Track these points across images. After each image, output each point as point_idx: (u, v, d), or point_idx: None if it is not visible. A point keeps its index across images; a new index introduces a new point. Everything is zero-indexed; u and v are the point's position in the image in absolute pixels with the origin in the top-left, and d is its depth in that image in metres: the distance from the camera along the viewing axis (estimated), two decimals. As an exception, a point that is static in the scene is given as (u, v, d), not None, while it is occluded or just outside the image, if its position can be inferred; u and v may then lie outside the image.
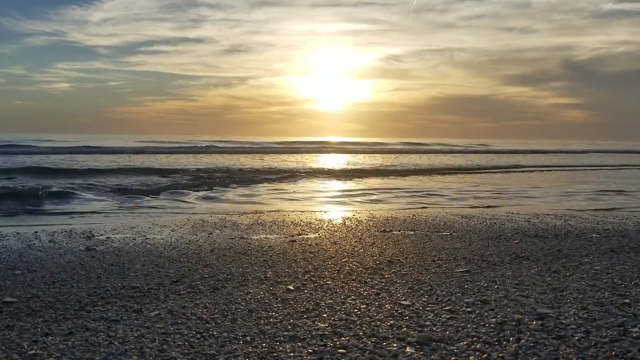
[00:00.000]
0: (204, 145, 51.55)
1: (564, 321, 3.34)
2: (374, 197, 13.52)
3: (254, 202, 12.34)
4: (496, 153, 50.73)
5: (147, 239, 7.00)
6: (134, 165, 23.46)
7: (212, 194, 13.78)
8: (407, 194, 14.09)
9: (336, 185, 17.28)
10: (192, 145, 51.43)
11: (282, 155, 38.83)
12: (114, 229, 7.87)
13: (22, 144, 42.96)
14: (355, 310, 3.69)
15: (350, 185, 17.21)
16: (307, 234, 7.38)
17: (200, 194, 13.80)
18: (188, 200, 12.71)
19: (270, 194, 14.07)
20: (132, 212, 10.30)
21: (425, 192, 14.50)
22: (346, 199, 13.09)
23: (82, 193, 13.15)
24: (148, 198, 12.84)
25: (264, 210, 10.67)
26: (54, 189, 13.07)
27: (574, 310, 3.58)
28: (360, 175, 21.11)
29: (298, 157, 36.70)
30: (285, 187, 16.05)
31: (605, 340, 3.00)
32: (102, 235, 7.30)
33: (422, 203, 12.13)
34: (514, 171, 25.85)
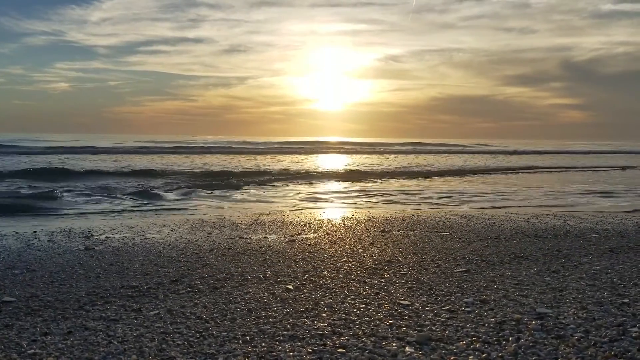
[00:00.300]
0: (211, 145, 50.70)
1: (563, 321, 3.34)
2: (401, 199, 13.52)
3: (269, 202, 12.35)
4: (513, 154, 50.02)
5: (146, 238, 7.00)
6: (141, 167, 23.17)
7: (227, 194, 13.78)
8: (432, 195, 14.10)
9: (350, 186, 17.28)
10: (200, 145, 50.20)
11: (290, 156, 38.33)
12: (113, 229, 7.86)
13: (21, 144, 42.47)
14: (355, 310, 3.68)
15: (365, 186, 17.21)
16: (306, 234, 7.37)
17: (214, 194, 13.79)
18: (198, 200, 12.70)
19: (285, 195, 14.07)
20: (133, 213, 10.30)
21: (447, 194, 14.51)
22: (362, 200, 13.09)
23: (87, 194, 13.13)
24: (165, 197, 12.84)
25: (285, 210, 10.66)
26: (54, 191, 13.06)
27: (573, 310, 3.58)
28: (375, 177, 20.98)
29: (308, 157, 36.39)
30: (300, 188, 16.04)
31: (605, 339, 3.00)
32: (101, 234, 7.29)
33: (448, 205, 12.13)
34: (535, 172, 25.87)
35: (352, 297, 4.03)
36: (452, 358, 2.81)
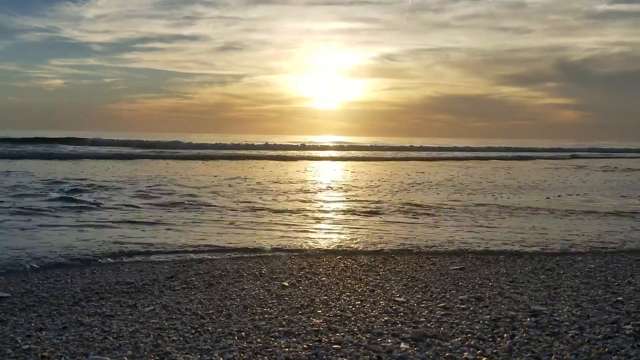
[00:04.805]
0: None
1: (558, 318, 3.35)
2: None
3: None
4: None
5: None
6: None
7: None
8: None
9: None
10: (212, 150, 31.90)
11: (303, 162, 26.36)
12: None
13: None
14: (350, 307, 3.69)
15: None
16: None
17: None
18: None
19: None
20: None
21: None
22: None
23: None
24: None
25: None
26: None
27: (567, 307, 3.60)
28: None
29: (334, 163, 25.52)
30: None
31: (599, 337, 3.02)
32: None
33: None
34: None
35: (347, 294, 4.04)
36: (447, 354, 2.82)
